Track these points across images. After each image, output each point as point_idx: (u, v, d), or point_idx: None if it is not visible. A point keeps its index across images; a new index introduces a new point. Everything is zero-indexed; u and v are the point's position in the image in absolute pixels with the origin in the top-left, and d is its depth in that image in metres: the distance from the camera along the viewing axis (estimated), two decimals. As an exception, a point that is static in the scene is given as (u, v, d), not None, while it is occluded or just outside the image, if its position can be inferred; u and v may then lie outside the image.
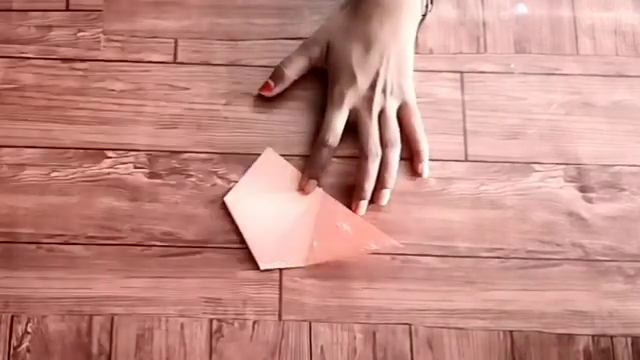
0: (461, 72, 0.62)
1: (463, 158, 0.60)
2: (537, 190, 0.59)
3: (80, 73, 0.60)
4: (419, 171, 0.59)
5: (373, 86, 0.58)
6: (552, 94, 0.62)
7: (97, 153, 0.59)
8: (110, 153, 0.59)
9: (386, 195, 0.57)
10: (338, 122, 0.58)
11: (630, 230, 0.58)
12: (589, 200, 0.59)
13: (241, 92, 0.60)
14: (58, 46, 0.61)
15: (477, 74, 0.61)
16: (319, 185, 0.58)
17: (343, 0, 0.62)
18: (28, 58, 0.61)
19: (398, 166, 0.58)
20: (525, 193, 0.59)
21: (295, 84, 0.60)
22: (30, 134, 0.59)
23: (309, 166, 0.58)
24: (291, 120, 0.60)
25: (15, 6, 0.62)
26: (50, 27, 0.61)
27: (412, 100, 0.59)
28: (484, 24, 0.64)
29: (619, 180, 0.60)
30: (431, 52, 0.62)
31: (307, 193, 0.58)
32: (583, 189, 0.59)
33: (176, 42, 0.61)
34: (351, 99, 0.58)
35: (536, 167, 0.60)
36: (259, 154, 0.59)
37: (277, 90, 0.59)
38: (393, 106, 0.59)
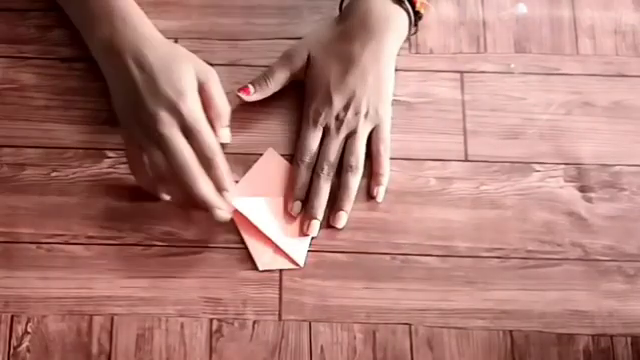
0: (461, 72, 0.62)
1: (463, 158, 0.60)
2: (537, 190, 0.59)
3: (80, 73, 0.60)
4: (373, 193, 0.58)
5: (347, 107, 0.57)
6: (552, 94, 0.62)
7: (97, 153, 0.59)
8: (110, 153, 0.59)
9: (342, 217, 0.57)
10: (312, 141, 0.58)
11: (630, 230, 0.58)
12: (589, 200, 0.59)
13: (241, 92, 0.61)
14: (58, 46, 0.61)
15: (477, 74, 0.61)
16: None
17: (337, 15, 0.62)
18: (28, 58, 0.61)
19: (356, 191, 0.58)
20: (525, 193, 0.59)
21: (295, 84, 0.60)
22: (30, 134, 0.59)
23: (292, 187, 0.58)
24: (291, 120, 0.60)
25: (15, 6, 0.62)
26: (50, 27, 0.61)
27: (386, 125, 0.59)
28: (484, 24, 0.64)
29: (619, 180, 0.60)
30: (431, 52, 0.62)
31: (295, 214, 0.57)
32: (583, 189, 0.59)
33: (176, 42, 0.61)
34: (325, 119, 0.58)
35: (536, 167, 0.60)
36: (259, 154, 0.59)
37: (255, 97, 0.59)
38: (365, 130, 0.58)
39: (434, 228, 0.58)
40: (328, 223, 0.57)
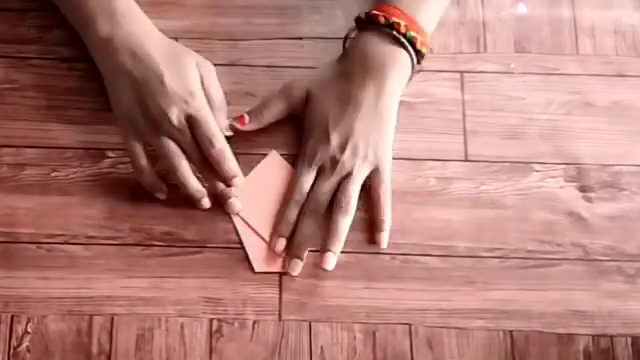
0: (461, 72, 0.62)
1: (463, 158, 0.60)
2: (537, 190, 0.59)
3: (80, 73, 0.60)
4: (377, 241, 0.56)
5: (343, 148, 0.56)
6: (552, 94, 0.62)
7: (97, 153, 0.59)
8: (110, 153, 0.59)
9: (329, 259, 0.55)
10: (306, 182, 0.56)
11: (630, 230, 0.58)
12: (589, 200, 0.59)
13: (241, 92, 0.60)
14: (58, 46, 0.61)
15: (477, 74, 0.61)
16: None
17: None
18: (28, 58, 0.61)
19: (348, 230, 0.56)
20: (525, 193, 0.59)
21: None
22: (30, 134, 0.59)
23: (279, 225, 0.57)
24: (291, 120, 0.60)
25: (15, 6, 0.62)
26: (50, 27, 0.61)
27: (385, 167, 0.57)
28: (484, 24, 0.64)
29: (619, 180, 0.60)
30: (431, 52, 0.62)
31: (278, 252, 0.56)
32: (583, 189, 0.59)
33: (176, 42, 0.61)
34: (321, 158, 0.56)
35: (536, 167, 0.60)
36: (259, 154, 0.59)
37: (250, 127, 0.58)
38: (362, 173, 0.57)
39: (434, 228, 0.58)
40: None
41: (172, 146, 0.55)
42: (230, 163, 0.56)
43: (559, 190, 0.59)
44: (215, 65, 0.59)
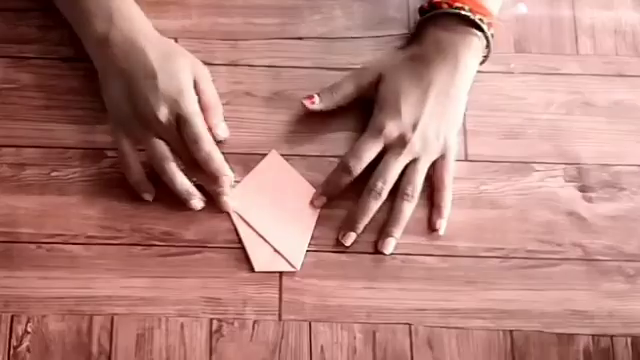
0: (461, 72, 0.62)
1: (463, 158, 0.60)
2: (537, 190, 0.59)
3: (80, 73, 0.60)
4: (436, 226, 0.57)
5: (414, 127, 0.55)
6: (552, 94, 0.62)
7: (97, 153, 0.59)
8: (110, 153, 0.59)
9: (391, 244, 0.56)
10: (368, 151, 0.56)
11: (630, 230, 0.58)
12: (589, 200, 0.59)
13: (241, 92, 0.60)
14: (58, 46, 0.61)
15: (477, 74, 0.61)
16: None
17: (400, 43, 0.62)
18: (28, 58, 0.61)
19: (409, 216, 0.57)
20: (525, 193, 0.59)
21: (295, 84, 0.60)
22: (30, 134, 0.59)
23: (325, 184, 0.57)
24: (291, 120, 0.60)
25: (15, 6, 0.62)
26: (50, 27, 0.61)
27: (452, 154, 0.57)
28: (484, 24, 0.64)
29: (619, 180, 0.60)
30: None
31: (316, 207, 0.57)
32: (583, 189, 0.59)
33: (176, 41, 0.61)
34: (390, 133, 0.56)
35: (536, 167, 0.60)
36: (259, 154, 0.59)
37: (319, 107, 0.58)
38: (429, 159, 0.57)
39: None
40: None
41: (160, 147, 0.55)
42: (215, 164, 0.55)
43: (559, 190, 0.59)
44: (215, 65, 0.59)
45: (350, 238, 0.56)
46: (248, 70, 0.61)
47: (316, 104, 0.58)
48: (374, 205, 0.56)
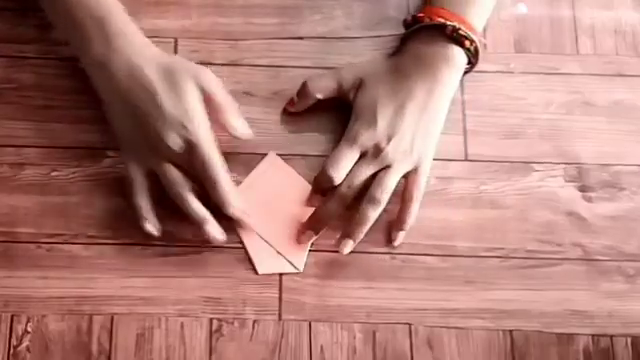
0: (461, 72, 0.62)
1: (463, 158, 0.60)
2: (537, 190, 0.59)
3: (80, 73, 0.60)
4: (393, 237, 0.57)
5: (390, 138, 0.55)
6: (552, 94, 0.62)
7: (97, 152, 0.59)
8: (110, 152, 0.59)
9: (348, 245, 0.55)
10: (344, 159, 0.55)
11: (630, 230, 0.58)
12: (589, 200, 0.59)
13: (241, 92, 0.60)
14: (58, 45, 0.61)
15: (477, 74, 0.61)
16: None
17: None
18: (28, 57, 0.61)
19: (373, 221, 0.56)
20: (525, 193, 0.59)
21: (295, 84, 0.60)
22: (30, 134, 0.59)
23: (310, 196, 0.57)
24: (291, 120, 0.60)
25: (15, 6, 0.62)
26: (50, 27, 0.61)
27: (425, 169, 0.57)
28: (484, 24, 0.64)
29: (619, 180, 0.60)
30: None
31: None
32: (583, 189, 0.59)
33: (176, 41, 0.61)
34: (365, 142, 0.55)
35: (536, 167, 0.60)
36: (259, 154, 0.59)
37: (299, 106, 0.59)
38: (402, 169, 0.56)
39: (434, 228, 0.58)
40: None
41: (173, 173, 0.54)
42: (220, 189, 0.54)
43: (559, 190, 0.59)
44: (215, 65, 0.59)
45: (310, 238, 0.56)
46: (248, 70, 0.61)
47: (296, 105, 0.59)
48: (337, 207, 0.56)
